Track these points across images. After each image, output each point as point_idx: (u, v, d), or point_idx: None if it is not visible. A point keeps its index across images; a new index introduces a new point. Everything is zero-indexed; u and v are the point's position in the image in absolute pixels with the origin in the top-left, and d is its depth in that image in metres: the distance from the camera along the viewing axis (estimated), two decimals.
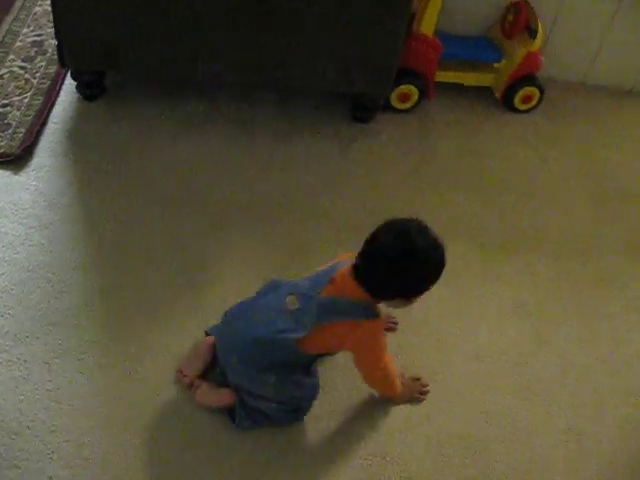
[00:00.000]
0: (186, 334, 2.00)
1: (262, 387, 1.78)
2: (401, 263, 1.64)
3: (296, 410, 1.85)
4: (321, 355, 1.84)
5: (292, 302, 1.75)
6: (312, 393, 1.87)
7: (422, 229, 1.67)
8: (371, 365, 1.83)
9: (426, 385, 1.99)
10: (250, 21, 2.38)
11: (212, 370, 1.90)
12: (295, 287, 1.79)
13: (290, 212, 2.41)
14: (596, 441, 1.96)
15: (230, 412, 1.83)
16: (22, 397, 1.82)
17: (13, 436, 1.75)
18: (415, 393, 1.97)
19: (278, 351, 1.74)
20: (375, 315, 1.74)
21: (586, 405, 2.04)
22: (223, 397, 1.83)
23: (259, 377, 1.77)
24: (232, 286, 2.15)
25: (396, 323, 2.10)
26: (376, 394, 1.95)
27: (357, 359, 1.82)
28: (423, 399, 1.98)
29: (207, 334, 1.96)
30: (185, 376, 1.88)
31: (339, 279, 1.73)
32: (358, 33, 2.43)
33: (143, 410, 1.84)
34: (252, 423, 1.81)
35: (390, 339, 2.02)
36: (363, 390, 1.95)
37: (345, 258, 1.81)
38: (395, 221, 1.69)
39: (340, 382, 1.97)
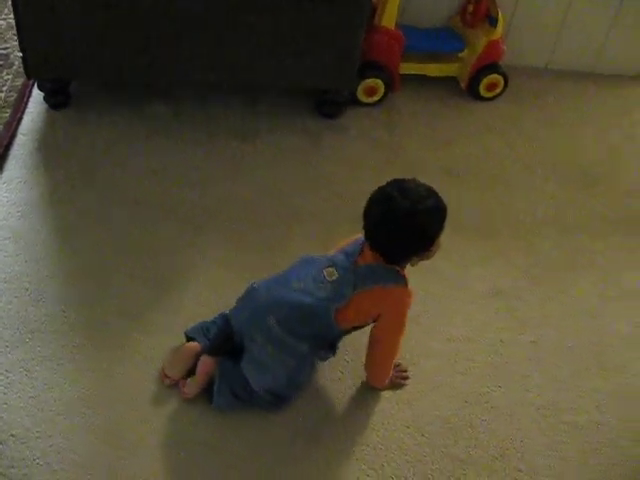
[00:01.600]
0: (163, 336, 2.01)
1: (289, 355, 1.81)
2: (394, 228, 1.72)
3: (280, 398, 1.87)
4: (348, 332, 1.88)
5: (331, 273, 1.80)
6: (296, 389, 1.90)
7: (404, 188, 1.73)
8: (391, 334, 1.87)
9: (406, 370, 2.02)
10: (214, 21, 2.41)
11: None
12: (332, 260, 1.84)
13: (262, 211, 2.44)
14: (574, 414, 2.00)
15: (208, 391, 1.86)
16: (5, 405, 1.82)
17: None
18: (396, 379, 2.00)
19: (317, 320, 1.79)
20: (404, 282, 1.82)
21: (563, 381, 2.08)
22: (204, 363, 1.86)
23: (294, 343, 1.80)
24: (207, 287, 2.17)
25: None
26: (364, 378, 1.98)
27: (381, 325, 1.84)
28: (405, 384, 2.01)
29: (187, 336, 1.98)
30: (168, 378, 1.90)
31: (365, 249, 1.81)
32: (318, 29, 2.46)
33: (125, 412, 1.85)
34: (231, 400, 1.84)
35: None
36: (343, 380, 1.98)
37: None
38: (379, 189, 1.77)
39: (320, 372, 1.99)
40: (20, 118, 2.61)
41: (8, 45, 2.92)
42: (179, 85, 2.72)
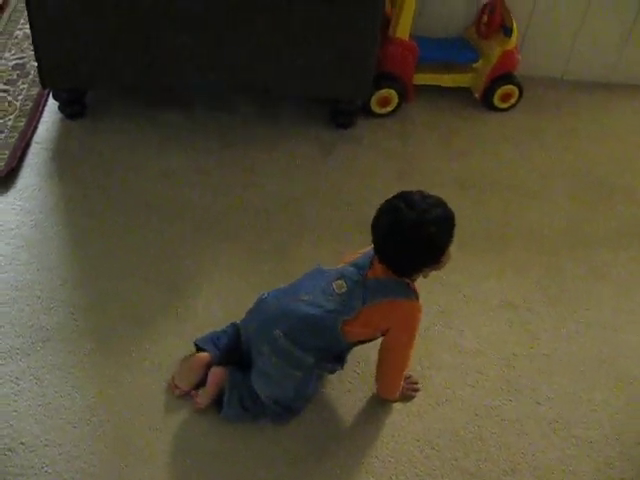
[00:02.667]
0: (173, 343, 2.02)
1: (295, 367, 1.80)
2: (401, 240, 1.70)
3: (289, 410, 1.87)
4: (355, 344, 1.87)
5: (340, 286, 1.80)
6: (305, 399, 1.89)
7: (411, 200, 1.71)
8: (401, 347, 1.85)
9: (416, 382, 2.01)
10: (227, 31, 2.42)
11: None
12: (342, 272, 1.83)
13: (273, 219, 2.44)
14: (586, 429, 1.98)
15: (218, 402, 1.86)
16: (15, 413, 1.83)
17: (7, 452, 1.76)
18: (407, 391, 1.99)
19: (324, 332, 1.78)
20: (415, 296, 1.81)
21: (574, 394, 2.06)
22: (214, 374, 1.86)
23: (300, 355, 1.79)
24: (217, 294, 2.17)
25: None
26: (374, 390, 1.97)
27: (391, 338, 1.83)
28: (415, 396, 1.99)
29: (197, 346, 1.97)
30: (178, 388, 1.90)
31: (375, 263, 1.80)
32: (333, 38, 2.47)
33: (134, 420, 1.85)
34: (240, 412, 1.84)
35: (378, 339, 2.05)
36: (353, 391, 1.97)
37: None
38: (386, 201, 1.75)
39: (330, 383, 1.98)
40: (35, 127, 2.64)
41: (24, 55, 2.94)
42: (190, 91, 2.73)
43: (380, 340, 1.87)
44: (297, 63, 2.52)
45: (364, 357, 2.00)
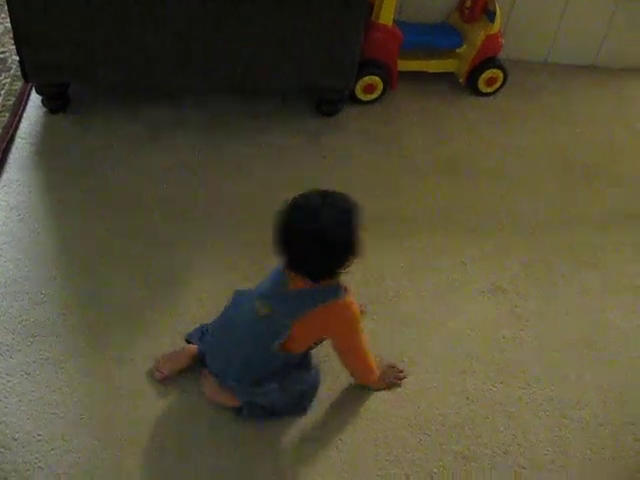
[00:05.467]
0: (164, 338, 2.02)
1: (267, 395, 1.80)
2: (304, 252, 1.64)
3: (301, 400, 1.89)
4: (310, 348, 1.86)
5: (260, 307, 1.75)
6: (315, 382, 1.91)
7: (303, 208, 1.65)
8: (351, 346, 1.83)
9: (401, 371, 2.01)
10: (210, 22, 2.40)
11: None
12: (258, 291, 1.80)
13: (263, 211, 2.40)
14: (576, 409, 1.99)
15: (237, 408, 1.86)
16: (6, 409, 1.83)
17: (0, 448, 1.76)
18: (391, 378, 1.98)
19: (270, 362, 1.77)
20: (342, 292, 1.73)
21: (564, 376, 2.07)
22: (229, 400, 1.85)
23: (262, 388, 1.78)
24: (208, 288, 2.17)
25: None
26: (353, 382, 1.97)
27: (338, 342, 1.82)
28: (399, 384, 1.99)
29: (188, 341, 1.98)
30: (159, 372, 1.91)
31: (291, 274, 1.72)
32: (317, 27, 2.46)
33: (126, 414, 1.85)
34: (258, 414, 1.85)
35: (368, 324, 2.06)
36: (343, 379, 1.97)
37: None
38: (281, 214, 1.68)
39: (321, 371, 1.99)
40: (18, 122, 2.62)
41: (5, 49, 2.92)
42: (175, 85, 2.71)
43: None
44: (282, 53, 2.51)
45: None
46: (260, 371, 1.78)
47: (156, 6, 2.36)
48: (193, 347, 1.94)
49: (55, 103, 2.66)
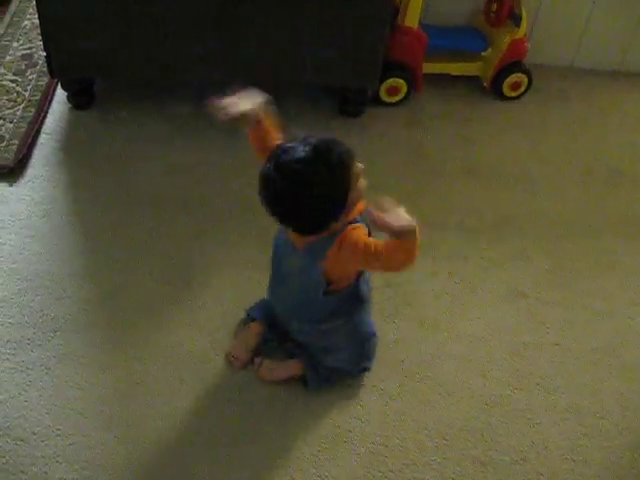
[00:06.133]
0: (185, 334, 2.03)
1: (335, 335, 1.85)
2: (294, 210, 1.60)
3: (363, 359, 1.94)
4: (359, 275, 1.78)
5: (291, 263, 1.78)
6: (375, 331, 1.93)
7: (280, 164, 1.59)
8: (376, 262, 1.64)
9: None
10: (235, 19, 2.41)
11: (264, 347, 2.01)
12: (280, 244, 1.83)
13: None
14: (596, 417, 1.97)
15: (303, 379, 1.93)
16: (26, 403, 1.84)
17: (19, 442, 1.77)
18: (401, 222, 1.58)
19: (325, 304, 1.77)
20: (345, 225, 1.65)
21: (584, 384, 2.06)
22: (290, 368, 1.93)
23: (328, 327, 1.83)
24: (228, 285, 2.17)
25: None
26: (382, 384, 1.98)
27: (364, 266, 1.74)
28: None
29: (248, 315, 2.04)
30: (237, 359, 1.96)
31: (290, 235, 1.74)
32: (341, 26, 2.45)
33: (145, 411, 1.86)
34: (324, 382, 1.92)
35: (387, 329, 2.06)
36: (360, 383, 1.97)
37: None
38: (260, 173, 1.64)
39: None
40: (44, 117, 2.63)
41: (32, 45, 2.94)
42: (197, 82, 2.72)
43: None
44: (307, 53, 2.51)
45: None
46: (319, 306, 1.79)
47: (186, 5, 2.36)
48: (258, 323, 1.99)
49: (80, 99, 2.67)
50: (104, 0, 2.35)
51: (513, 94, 3.00)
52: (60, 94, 2.71)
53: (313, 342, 1.90)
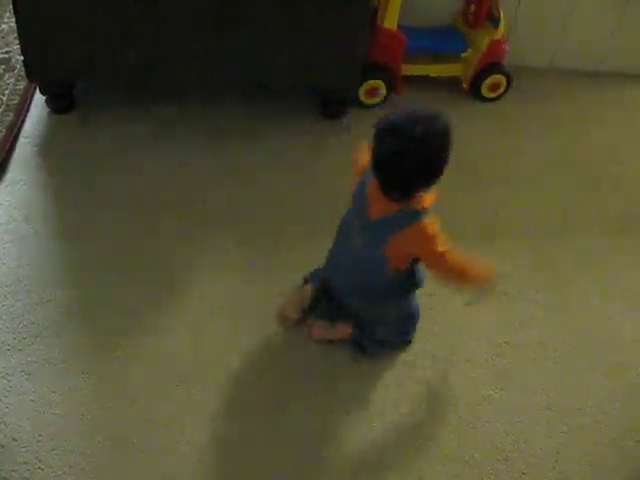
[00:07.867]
0: (168, 336, 2.02)
1: (389, 311, 1.99)
2: (413, 154, 1.63)
3: (407, 332, 2.08)
4: (413, 264, 1.87)
5: (354, 241, 1.85)
6: (418, 310, 2.07)
7: (410, 117, 1.64)
8: (436, 260, 1.78)
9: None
10: (216, 23, 2.40)
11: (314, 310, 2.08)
12: (349, 219, 1.89)
13: (265, 211, 2.43)
14: (579, 416, 1.99)
15: (354, 344, 2.04)
16: (7, 409, 1.82)
17: (0, 449, 1.75)
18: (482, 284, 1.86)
19: (384, 284, 1.88)
20: (420, 213, 1.74)
21: (567, 382, 2.07)
22: (341, 330, 2.04)
23: (384, 304, 1.96)
24: (211, 288, 2.17)
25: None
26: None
27: (423, 259, 1.82)
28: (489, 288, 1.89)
29: (306, 280, 2.13)
30: (288, 318, 2.08)
31: (373, 200, 1.76)
32: (321, 27, 2.46)
33: (128, 414, 1.85)
34: (378, 348, 2.03)
35: None
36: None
37: (359, 169, 1.87)
38: (384, 120, 1.69)
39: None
40: (22, 121, 2.62)
41: (10, 49, 2.92)
42: (179, 84, 2.71)
43: None
44: (288, 55, 2.51)
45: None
46: (379, 286, 1.89)
47: (160, 6, 2.35)
48: (310, 287, 2.08)
49: (59, 103, 2.65)
50: (82, 3, 2.34)
51: (492, 95, 3.02)
52: (39, 98, 2.69)
53: (368, 315, 2.00)
